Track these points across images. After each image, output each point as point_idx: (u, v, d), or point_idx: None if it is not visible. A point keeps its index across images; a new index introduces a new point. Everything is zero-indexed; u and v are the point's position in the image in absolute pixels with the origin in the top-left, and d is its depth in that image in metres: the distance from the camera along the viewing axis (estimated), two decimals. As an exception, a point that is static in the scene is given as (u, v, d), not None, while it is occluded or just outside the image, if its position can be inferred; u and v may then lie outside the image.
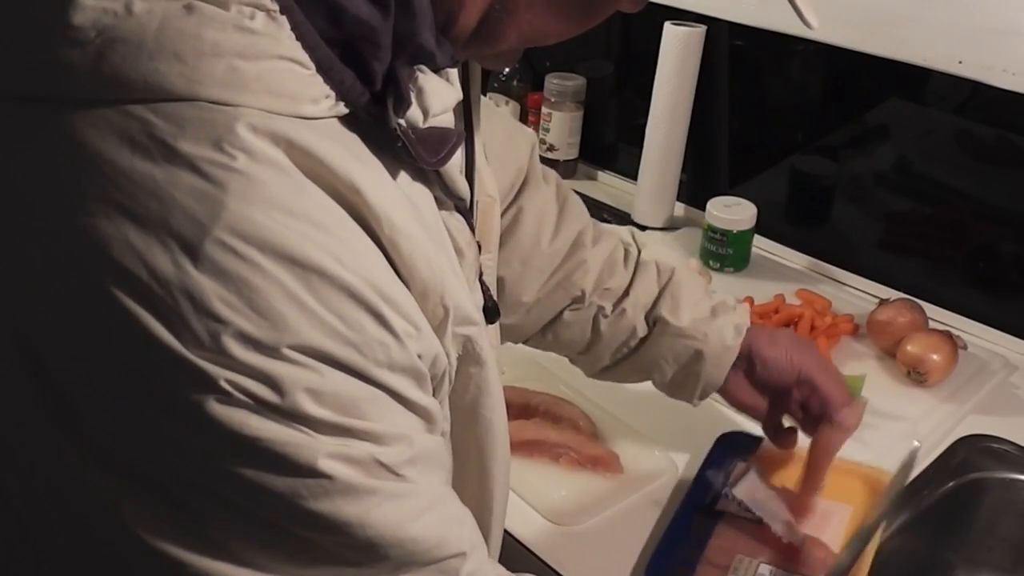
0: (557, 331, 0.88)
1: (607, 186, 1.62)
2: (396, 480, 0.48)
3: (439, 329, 0.52)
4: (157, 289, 0.42)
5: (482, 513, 0.64)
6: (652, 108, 1.40)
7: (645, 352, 0.87)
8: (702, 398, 0.89)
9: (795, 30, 1.23)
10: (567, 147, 1.61)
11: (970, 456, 1.01)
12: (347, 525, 0.46)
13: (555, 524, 0.89)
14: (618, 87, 1.60)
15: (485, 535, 0.61)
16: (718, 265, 1.32)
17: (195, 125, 0.42)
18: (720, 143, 1.47)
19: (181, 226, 0.42)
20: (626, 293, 0.87)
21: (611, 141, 1.64)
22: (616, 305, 0.86)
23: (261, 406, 0.43)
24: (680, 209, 1.49)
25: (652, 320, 0.86)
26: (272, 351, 0.43)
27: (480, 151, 0.65)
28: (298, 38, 0.45)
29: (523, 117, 1.68)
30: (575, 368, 1.05)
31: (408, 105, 0.50)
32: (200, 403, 0.42)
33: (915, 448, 0.88)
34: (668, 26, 1.35)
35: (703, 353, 0.85)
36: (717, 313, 0.86)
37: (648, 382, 0.90)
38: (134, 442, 0.44)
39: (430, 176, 0.55)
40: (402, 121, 0.50)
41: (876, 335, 1.15)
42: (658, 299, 0.86)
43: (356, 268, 0.45)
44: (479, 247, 0.62)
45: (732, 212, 1.31)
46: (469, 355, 0.57)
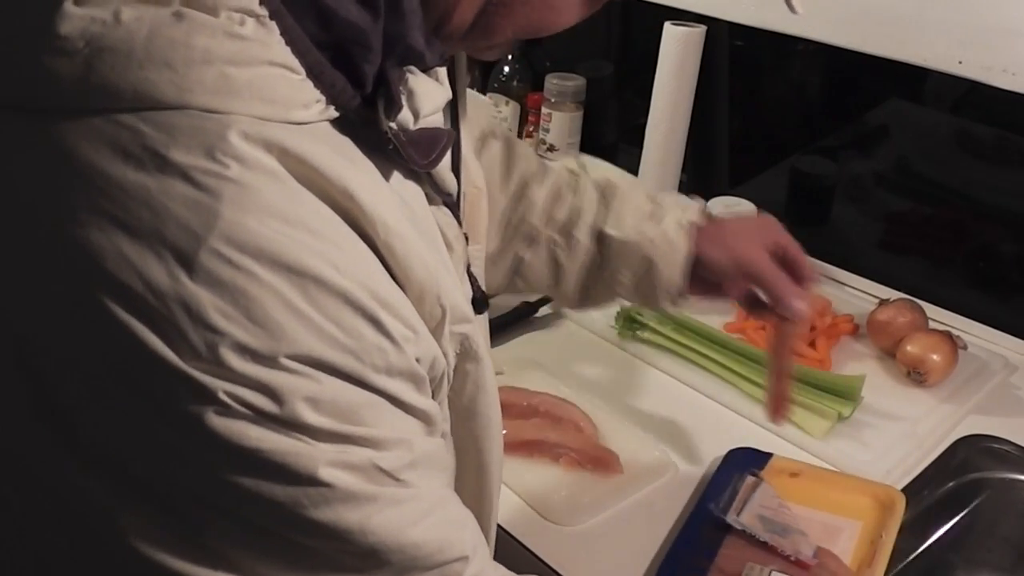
0: (523, 274, 0.89)
1: (607, 186, 1.62)
2: (396, 485, 0.48)
3: (436, 330, 0.52)
4: (152, 301, 0.41)
5: (480, 509, 0.64)
6: (652, 108, 1.40)
7: (603, 271, 0.86)
8: (674, 303, 0.86)
9: (795, 30, 1.23)
10: (567, 147, 1.61)
11: (970, 456, 1.01)
12: (348, 532, 0.46)
13: (555, 524, 0.89)
14: (618, 87, 1.60)
15: (484, 531, 0.61)
16: (718, 265, 1.32)
17: (186, 134, 0.42)
18: (720, 143, 1.47)
19: (175, 236, 0.41)
20: (574, 219, 0.86)
21: (611, 141, 1.64)
22: (568, 234, 0.86)
23: (260, 417, 0.43)
24: (680, 209, 1.49)
25: (599, 238, 0.86)
26: (270, 361, 0.43)
27: (467, 143, 0.65)
28: (288, 43, 0.45)
29: (523, 117, 1.68)
30: (575, 368, 1.05)
31: (399, 108, 0.50)
32: (198, 415, 0.42)
33: None
34: (668, 26, 1.35)
35: (652, 259, 0.83)
36: (661, 216, 0.85)
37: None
38: (132, 453, 0.44)
39: (420, 173, 0.54)
40: (393, 124, 0.50)
41: (876, 335, 1.15)
42: (601, 217, 0.86)
43: (352, 274, 0.45)
44: (466, 239, 0.62)
45: (732, 212, 1.31)
46: (466, 353, 0.57)
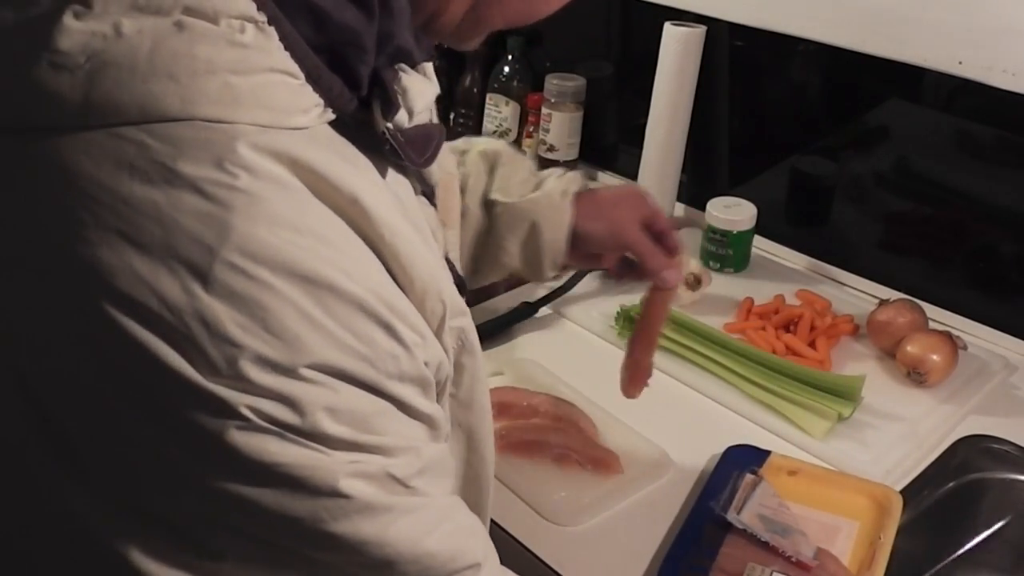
0: None
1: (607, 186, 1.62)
2: (408, 493, 0.48)
3: (439, 328, 0.52)
4: (169, 317, 0.41)
5: (479, 499, 0.64)
6: (652, 108, 1.40)
7: (490, 240, 0.87)
8: (556, 271, 0.88)
9: (795, 30, 1.23)
10: (567, 147, 1.61)
11: (970, 456, 1.01)
12: (365, 544, 0.46)
13: (555, 524, 0.89)
14: (618, 87, 1.60)
15: (482, 521, 0.62)
16: (718, 265, 1.32)
17: (194, 145, 0.42)
18: (720, 143, 1.47)
19: (188, 250, 0.41)
20: (462, 189, 0.86)
21: (611, 141, 1.64)
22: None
23: (282, 429, 0.43)
24: (680, 209, 1.49)
25: (487, 205, 0.86)
26: (290, 372, 0.42)
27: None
28: (287, 48, 0.45)
29: (523, 117, 1.68)
30: (575, 368, 1.05)
31: (397, 108, 0.50)
32: (219, 432, 0.42)
33: None
34: (668, 26, 1.35)
35: (537, 223, 0.85)
36: (544, 184, 0.87)
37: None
38: (142, 477, 0.43)
39: (410, 172, 0.55)
40: (390, 125, 0.50)
41: (876, 335, 1.15)
42: (488, 184, 0.87)
43: (363, 281, 0.45)
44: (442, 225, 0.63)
45: (732, 212, 1.31)
46: (464, 346, 0.57)
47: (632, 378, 0.89)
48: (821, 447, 0.99)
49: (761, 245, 1.38)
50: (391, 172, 0.52)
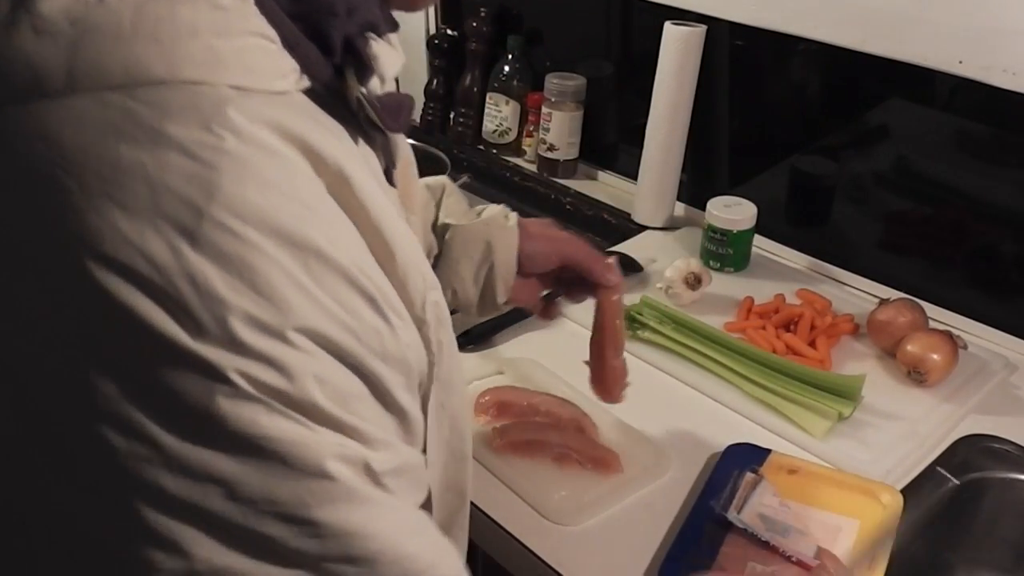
0: None
1: (607, 186, 1.62)
2: (385, 492, 0.47)
3: (423, 307, 0.52)
4: (156, 277, 0.40)
5: (460, 476, 0.62)
6: (652, 108, 1.40)
7: (444, 264, 0.87)
8: (507, 294, 0.88)
9: (795, 30, 1.23)
10: (567, 147, 1.61)
11: (970, 456, 1.01)
12: (349, 536, 0.45)
13: (555, 523, 0.89)
14: (618, 87, 1.60)
15: (462, 497, 0.62)
16: (718, 265, 1.32)
17: (180, 108, 0.41)
18: (720, 143, 1.47)
19: (175, 210, 0.40)
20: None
21: (611, 141, 1.64)
22: None
23: (271, 397, 0.41)
24: (680, 209, 1.50)
25: (439, 231, 0.87)
26: (279, 335, 0.41)
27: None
28: (263, 13, 0.45)
29: (523, 117, 1.68)
30: (575, 368, 1.05)
31: (371, 73, 0.50)
32: (205, 401, 0.40)
33: None
34: (668, 26, 1.35)
35: (491, 243, 0.86)
36: (486, 212, 0.89)
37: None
38: (123, 464, 0.41)
39: (377, 145, 0.55)
40: (364, 90, 0.50)
41: (876, 335, 1.15)
42: (436, 213, 0.88)
43: (348, 253, 0.45)
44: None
45: (732, 212, 1.31)
46: (439, 321, 0.55)
47: (612, 382, 0.91)
48: (821, 446, 0.99)
49: (761, 245, 1.38)
50: (366, 148, 0.52)
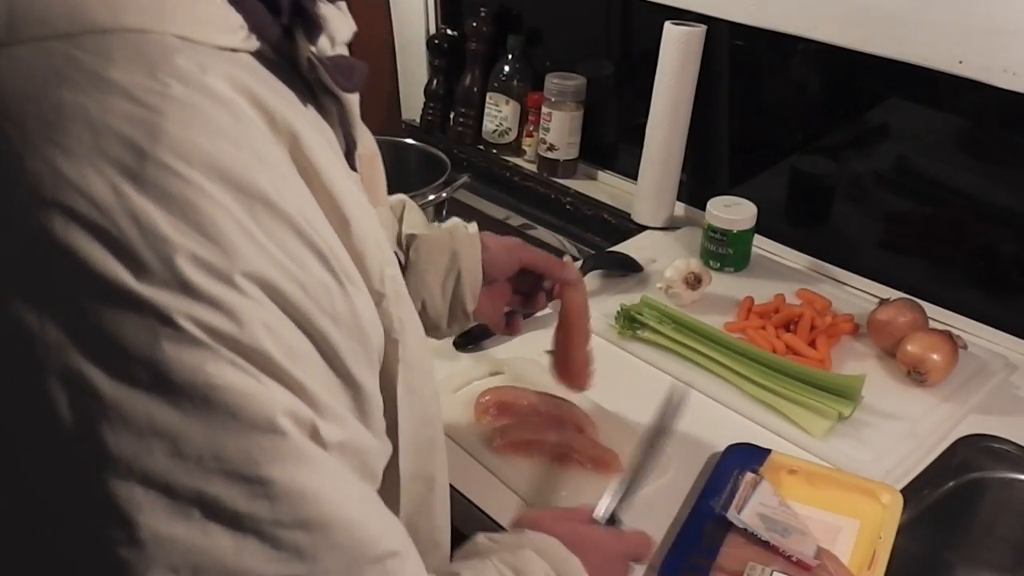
0: None
1: (607, 186, 1.62)
2: (334, 459, 0.45)
3: (381, 281, 0.51)
4: (97, 217, 0.38)
5: (429, 465, 0.61)
6: (652, 108, 1.40)
7: (411, 275, 0.87)
8: (474, 302, 0.88)
9: (795, 30, 1.23)
10: (567, 147, 1.61)
11: (970, 456, 1.01)
12: (300, 497, 0.42)
13: (555, 524, 0.89)
14: (618, 87, 1.60)
15: (430, 485, 0.61)
16: (718, 265, 1.32)
17: (124, 55, 0.41)
18: (720, 143, 1.47)
19: (118, 152, 0.39)
20: None
21: (611, 141, 1.64)
22: None
23: (219, 343, 0.40)
24: (680, 209, 1.50)
25: (405, 242, 0.88)
26: (226, 278, 0.40)
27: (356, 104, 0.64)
28: None
29: (523, 116, 1.68)
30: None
31: (320, 31, 0.49)
32: (149, 347, 0.39)
33: (681, 390, 0.91)
34: (668, 26, 1.35)
35: (457, 251, 0.87)
36: (446, 223, 0.92)
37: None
38: (59, 418, 0.39)
39: (333, 118, 0.54)
40: (314, 49, 0.50)
41: (876, 335, 1.15)
42: (400, 227, 0.88)
43: (297, 205, 0.44)
44: None
45: (732, 212, 1.31)
46: (398, 296, 0.54)
47: (578, 372, 0.93)
48: (821, 446, 0.99)
49: (761, 244, 1.38)
50: (315, 114, 0.52)
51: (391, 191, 1.15)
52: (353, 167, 0.57)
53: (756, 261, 1.35)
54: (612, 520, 0.78)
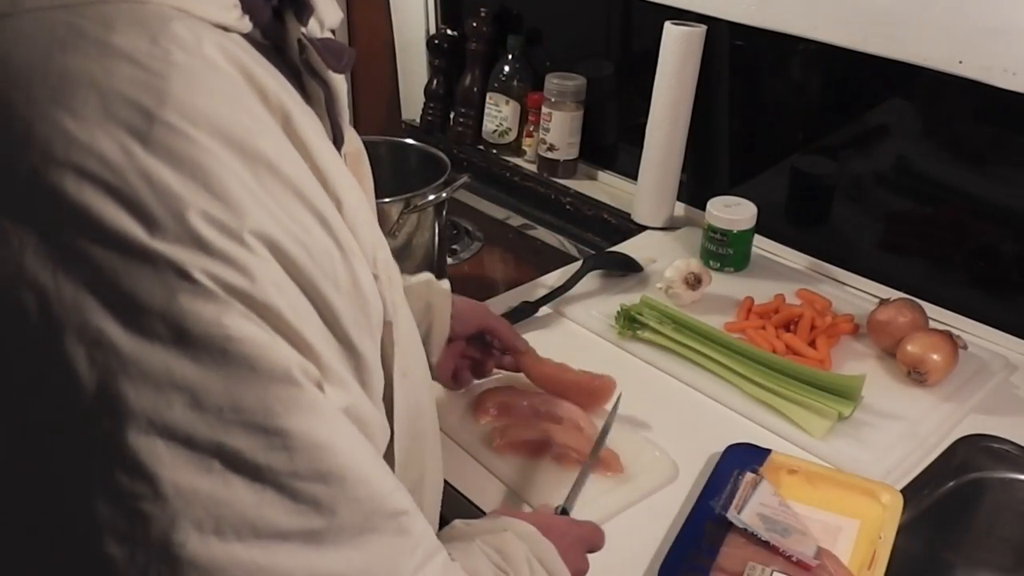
0: None
1: (607, 186, 1.62)
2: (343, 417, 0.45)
3: (375, 263, 0.51)
4: (108, 176, 0.39)
5: (420, 454, 0.62)
6: (652, 108, 1.40)
7: None
8: (438, 356, 0.93)
9: (795, 30, 1.23)
10: (567, 147, 1.61)
11: (970, 456, 1.01)
12: (319, 448, 0.43)
13: (555, 524, 0.89)
14: (618, 87, 1.60)
15: (421, 475, 0.63)
16: (718, 265, 1.32)
17: (126, 22, 0.41)
18: (720, 143, 1.47)
19: (126, 114, 0.40)
20: None
21: (611, 141, 1.64)
22: None
23: (234, 297, 0.40)
24: (680, 209, 1.50)
25: None
26: (236, 236, 0.40)
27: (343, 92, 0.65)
28: None
29: (523, 117, 1.68)
30: (575, 367, 1.05)
31: (310, 12, 0.50)
32: (167, 300, 0.39)
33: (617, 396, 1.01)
34: (668, 26, 1.35)
35: (432, 304, 0.89)
36: (414, 279, 0.93)
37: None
38: (78, 376, 0.39)
39: (320, 106, 0.55)
40: (304, 30, 0.50)
41: (876, 335, 1.15)
42: None
43: (297, 171, 0.44)
44: None
45: (732, 212, 1.31)
46: (391, 280, 0.55)
47: (591, 388, 1.02)
48: (821, 446, 0.99)
49: (761, 244, 1.38)
50: (303, 103, 0.52)
51: (391, 191, 1.15)
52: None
53: (756, 261, 1.35)
54: (564, 512, 0.86)
